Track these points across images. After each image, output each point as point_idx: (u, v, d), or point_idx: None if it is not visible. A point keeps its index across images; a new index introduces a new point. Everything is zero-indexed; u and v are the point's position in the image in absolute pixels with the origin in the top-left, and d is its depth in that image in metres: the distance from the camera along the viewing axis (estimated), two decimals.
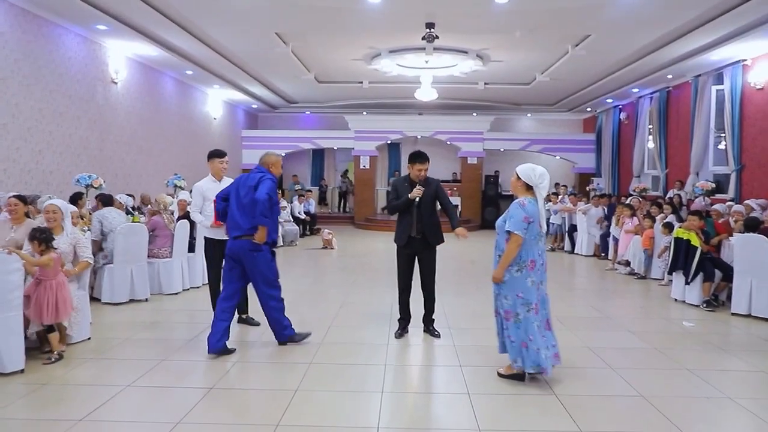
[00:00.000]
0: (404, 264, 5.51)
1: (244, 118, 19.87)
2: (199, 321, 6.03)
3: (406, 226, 5.41)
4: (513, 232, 4.10)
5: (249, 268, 5.00)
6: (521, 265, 4.17)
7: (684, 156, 13.22)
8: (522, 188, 4.25)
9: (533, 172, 4.21)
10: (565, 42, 11.54)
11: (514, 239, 4.11)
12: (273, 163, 5.17)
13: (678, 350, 5.21)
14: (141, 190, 11.79)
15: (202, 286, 7.86)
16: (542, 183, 4.19)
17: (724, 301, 7.07)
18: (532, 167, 4.26)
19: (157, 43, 10.74)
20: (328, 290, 8.24)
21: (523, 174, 4.23)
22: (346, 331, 5.84)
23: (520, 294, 4.17)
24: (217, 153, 5.99)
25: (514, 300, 4.19)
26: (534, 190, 4.20)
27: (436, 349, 5.29)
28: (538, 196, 4.20)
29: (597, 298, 7.74)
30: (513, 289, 4.19)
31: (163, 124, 13.25)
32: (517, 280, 4.17)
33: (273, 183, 4.97)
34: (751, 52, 10.68)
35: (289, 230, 13.19)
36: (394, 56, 12.72)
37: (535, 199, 4.20)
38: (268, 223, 4.88)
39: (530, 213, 4.13)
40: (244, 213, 4.94)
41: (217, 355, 4.85)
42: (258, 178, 4.95)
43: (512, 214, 4.16)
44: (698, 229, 7.06)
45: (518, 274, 4.17)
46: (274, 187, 4.96)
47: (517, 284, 4.17)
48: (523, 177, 4.23)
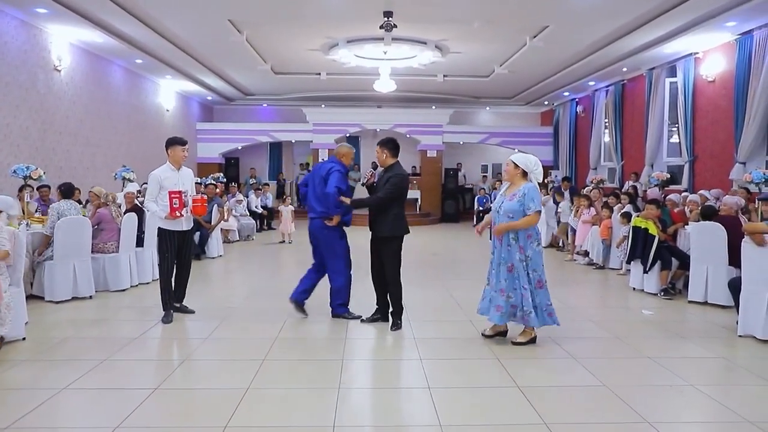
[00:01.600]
0: (372, 256, 5.60)
1: (199, 111, 19.31)
2: (147, 318, 5.73)
3: (370, 215, 5.51)
4: (533, 210, 4.65)
5: (321, 243, 5.63)
6: (539, 240, 4.81)
7: (639, 148, 13.42)
8: (519, 176, 4.81)
9: (528, 160, 4.80)
10: (523, 33, 11.53)
11: (537, 215, 4.68)
12: (344, 154, 5.63)
13: (638, 339, 5.17)
14: (89, 183, 11.26)
15: (151, 281, 7.51)
16: (537, 169, 4.79)
17: (681, 290, 7.13)
18: (526, 156, 4.86)
19: (103, 30, 10.21)
20: (285, 285, 7.94)
21: (521, 162, 4.79)
22: (302, 325, 5.62)
23: (543, 264, 4.80)
24: (179, 140, 5.77)
25: (542, 270, 4.79)
26: (529, 176, 4.79)
27: (395, 342, 5.13)
28: (534, 181, 4.79)
29: (557, 289, 7.61)
30: (538, 262, 4.77)
31: (112, 115, 12.69)
32: (538, 254, 4.76)
33: (340, 174, 5.42)
34: (703, 45, 10.87)
35: (245, 225, 12.83)
36: (352, 46, 12.49)
37: (533, 183, 4.79)
38: (339, 211, 5.43)
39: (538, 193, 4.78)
40: (317, 200, 5.56)
41: (295, 305, 5.71)
42: (328, 169, 5.48)
43: (533, 195, 4.69)
44: (656, 218, 7.10)
45: (539, 248, 4.78)
46: (341, 177, 5.41)
47: (539, 257, 4.78)
48: (521, 165, 4.78)
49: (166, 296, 5.66)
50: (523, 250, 4.71)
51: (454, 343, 4.99)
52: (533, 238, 4.73)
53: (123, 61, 12.71)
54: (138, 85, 14.12)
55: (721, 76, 10.66)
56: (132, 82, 13.73)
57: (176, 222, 5.58)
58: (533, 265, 4.73)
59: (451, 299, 6.75)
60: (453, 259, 10.50)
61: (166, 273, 5.65)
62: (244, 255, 10.84)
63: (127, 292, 6.92)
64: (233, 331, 5.41)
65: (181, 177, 5.73)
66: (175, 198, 5.50)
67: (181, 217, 5.56)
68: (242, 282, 8.17)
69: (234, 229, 12.31)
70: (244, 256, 10.76)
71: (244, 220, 12.90)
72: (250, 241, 12.62)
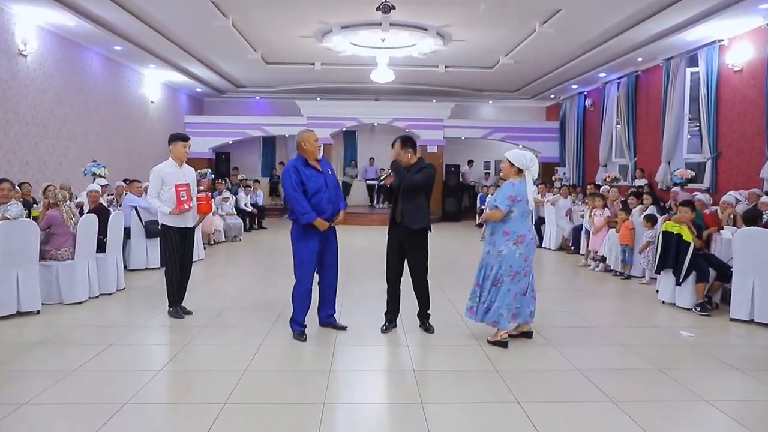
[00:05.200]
0: (391, 253, 5.18)
1: (188, 103, 18.39)
2: (103, 339, 4.84)
3: (391, 211, 5.17)
4: (498, 207, 4.68)
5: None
6: (515, 239, 4.66)
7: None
8: (514, 172, 4.76)
9: (524, 157, 4.75)
10: (533, 19, 10.62)
11: (498, 212, 4.67)
12: (300, 144, 4.97)
13: (685, 372, 4.27)
14: (61, 179, 10.38)
15: (116, 292, 6.63)
16: (533, 167, 4.74)
17: (717, 304, 6.27)
18: (522, 152, 4.82)
19: (75, 12, 9.31)
20: (269, 290, 7.08)
21: (516, 159, 4.73)
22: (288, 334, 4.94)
23: (511, 265, 4.65)
24: (180, 136, 5.65)
25: (518, 273, 4.66)
26: (524, 173, 4.72)
27: (387, 352, 4.77)
28: (528, 178, 4.71)
29: (574, 301, 6.78)
30: (514, 263, 4.64)
31: (89, 105, 11.77)
32: (513, 253, 4.65)
33: (286, 171, 4.90)
34: (729, 32, 9.97)
35: (231, 224, 11.94)
36: (347, 33, 11.59)
37: (524, 180, 4.70)
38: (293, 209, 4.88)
39: (518, 193, 4.65)
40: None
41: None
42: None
43: (506, 193, 4.67)
44: (690, 223, 6.22)
45: (516, 248, 4.65)
46: (288, 175, 4.86)
47: (514, 258, 4.65)
48: (516, 162, 4.72)
49: (173, 291, 5.56)
50: (496, 245, 4.70)
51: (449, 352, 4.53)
52: (510, 237, 4.66)
53: (100, 47, 11.78)
54: (118, 74, 13.18)
55: (749, 65, 9.76)
56: (112, 71, 12.80)
57: (182, 218, 5.47)
58: (505, 263, 4.65)
59: (454, 312, 5.87)
60: (454, 263, 9.60)
61: (172, 270, 5.52)
62: (228, 258, 9.96)
63: (83, 306, 6.01)
64: (192, 363, 4.53)
65: (183, 174, 5.61)
66: (183, 191, 5.39)
67: (189, 210, 5.45)
68: (224, 288, 7.22)
69: (219, 229, 11.42)
70: (228, 259, 9.88)
71: (230, 220, 12.01)
72: (236, 243, 11.73)
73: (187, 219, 5.57)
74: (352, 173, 19.67)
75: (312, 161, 4.96)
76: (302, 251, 4.92)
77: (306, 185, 4.83)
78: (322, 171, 4.98)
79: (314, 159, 4.99)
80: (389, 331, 5.21)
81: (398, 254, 5.13)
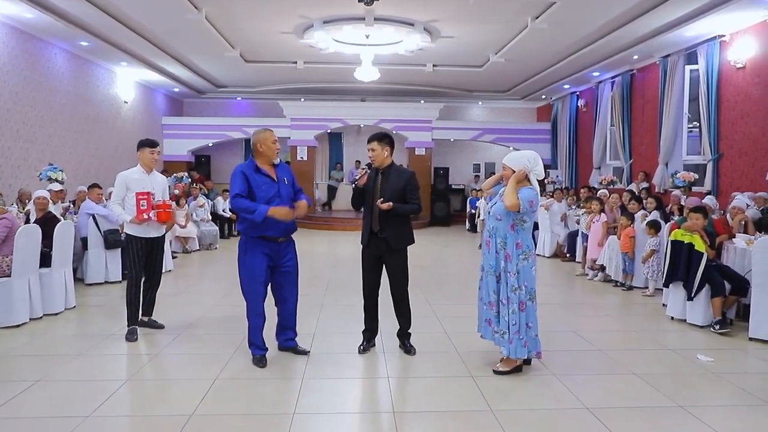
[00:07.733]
0: (368, 266, 4.65)
1: (166, 104, 17.63)
2: (40, 367, 4.15)
3: (367, 221, 4.58)
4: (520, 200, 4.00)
5: None
6: (527, 253, 4.10)
7: (651, 145, 12.00)
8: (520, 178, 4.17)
9: (525, 158, 4.15)
10: (525, 13, 10.01)
11: (516, 198, 3.99)
12: (254, 145, 4.39)
13: (712, 409, 3.66)
14: (19, 184, 9.67)
15: (64, 311, 5.93)
16: (537, 168, 4.15)
17: (732, 320, 5.68)
18: (521, 153, 4.22)
19: (32, 3, 8.60)
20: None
21: (515, 162, 4.14)
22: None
23: (526, 283, 4.08)
24: (148, 142, 5.31)
25: (530, 289, 4.10)
26: (529, 177, 4.13)
27: (366, 362, 4.45)
28: (534, 180, 4.14)
29: (576, 319, 6.09)
30: (523, 278, 4.07)
31: (53, 105, 11.02)
32: (525, 269, 4.08)
33: (234, 176, 4.29)
34: (731, 27, 9.44)
35: (206, 231, 11.23)
36: (329, 28, 10.94)
37: (533, 187, 4.11)
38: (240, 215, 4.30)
39: (537, 201, 4.14)
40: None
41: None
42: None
43: (523, 193, 4.03)
44: (702, 231, 5.62)
45: (525, 263, 4.08)
46: (236, 180, 4.26)
47: (527, 274, 4.08)
48: (518, 165, 4.12)
49: (132, 310, 5.12)
50: (510, 259, 4.07)
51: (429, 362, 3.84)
52: (522, 251, 4.08)
53: (65, 43, 11.03)
54: (86, 71, 12.42)
55: (752, 61, 9.22)
56: (78, 68, 12.04)
57: (144, 228, 5.11)
58: (529, 282, 4.07)
59: (442, 333, 5.23)
60: (444, 273, 8.97)
61: (133, 285, 5.13)
62: (203, 267, 9.27)
63: (22, 329, 5.30)
64: (145, 391, 3.85)
65: (152, 181, 5.26)
66: (143, 199, 5.06)
67: (149, 220, 5.08)
68: (193, 299, 6.52)
69: (193, 236, 10.72)
70: (202, 268, 9.19)
71: (205, 227, 11.30)
72: (212, 251, 11.03)
73: (152, 229, 5.19)
74: (338, 176, 19.02)
75: (265, 166, 4.33)
76: (247, 266, 4.31)
77: (255, 194, 4.19)
78: (276, 179, 4.34)
79: (269, 164, 4.35)
80: (367, 351, 4.72)
81: (374, 269, 4.64)
